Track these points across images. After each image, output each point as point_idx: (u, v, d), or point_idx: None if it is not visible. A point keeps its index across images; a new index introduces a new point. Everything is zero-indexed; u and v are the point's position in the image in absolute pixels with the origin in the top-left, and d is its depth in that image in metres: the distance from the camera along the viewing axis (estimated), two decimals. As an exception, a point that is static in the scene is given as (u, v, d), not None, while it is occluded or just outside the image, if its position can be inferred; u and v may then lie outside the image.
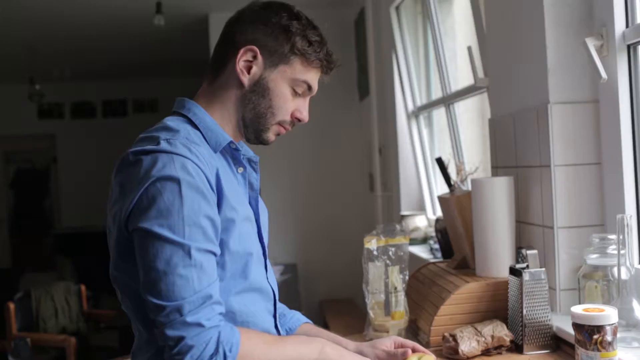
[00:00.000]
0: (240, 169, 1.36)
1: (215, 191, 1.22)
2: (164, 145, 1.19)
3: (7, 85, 7.98)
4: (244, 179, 1.37)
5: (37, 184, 9.22)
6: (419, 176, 3.72)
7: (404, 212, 3.58)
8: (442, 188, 3.58)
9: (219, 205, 1.23)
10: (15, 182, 9.30)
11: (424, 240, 3.24)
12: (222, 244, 1.24)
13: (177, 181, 1.16)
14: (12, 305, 3.65)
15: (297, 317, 1.55)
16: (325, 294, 5.10)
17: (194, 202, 1.17)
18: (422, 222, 3.36)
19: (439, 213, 3.51)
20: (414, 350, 1.44)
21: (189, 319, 1.12)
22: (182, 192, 1.16)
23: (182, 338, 1.11)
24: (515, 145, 1.98)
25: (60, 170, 8.73)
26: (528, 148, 1.88)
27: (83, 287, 4.20)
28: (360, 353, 1.43)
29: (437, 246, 2.86)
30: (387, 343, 1.46)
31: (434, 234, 3.07)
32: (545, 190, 1.79)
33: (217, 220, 1.21)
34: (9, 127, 8.35)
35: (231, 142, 1.33)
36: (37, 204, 9.27)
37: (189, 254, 1.14)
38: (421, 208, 3.72)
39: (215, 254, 1.20)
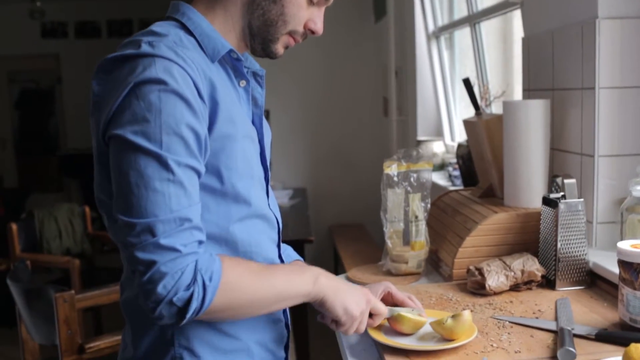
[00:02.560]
0: (243, 83, 1.19)
1: (208, 102, 1.07)
2: (145, 48, 1.04)
3: (7, 3, 7.72)
4: (247, 93, 1.20)
5: (42, 104, 9.06)
6: (438, 100, 3.55)
7: (420, 138, 3.43)
8: (461, 113, 3.42)
9: (213, 118, 1.07)
10: (20, 103, 9.14)
11: (441, 167, 3.11)
12: (219, 164, 1.09)
13: (156, 84, 1.00)
14: (14, 226, 3.57)
15: (287, 254, 1.40)
16: (334, 219, 5.02)
17: (175, 108, 1.01)
18: (440, 148, 3.22)
19: (458, 138, 3.37)
20: (402, 305, 1.31)
21: (163, 241, 0.97)
22: (161, 96, 1.00)
23: (153, 262, 0.97)
24: (553, 66, 1.81)
25: (65, 91, 8.57)
26: (569, 69, 1.71)
27: (87, 209, 4.11)
28: None
29: (456, 173, 2.73)
30: (378, 292, 1.31)
31: (451, 160, 2.93)
32: (586, 115, 1.63)
33: (202, 134, 1.05)
34: (12, 47, 8.15)
35: (231, 50, 1.16)
36: (43, 125, 9.14)
37: (166, 167, 0.99)
38: (439, 133, 3.57)
39: (199, 173, 1.04)
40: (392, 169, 1.78)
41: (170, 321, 1.00)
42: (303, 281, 1.12)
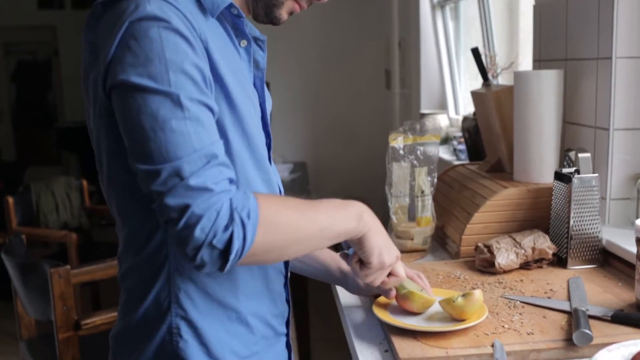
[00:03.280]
0: (244, 42, 1.12)
1: (206, 54, 0.99)
2: None
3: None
4: (248, 54, 1.13)
5: (39, 76, 8.95)
6: (442, 72, 3.47)
7: (424, 111, 3.36)
8: (465, 85, 3.34)
9: (212, 71, 1.00)
10: (17, 75, 9.03)
11: (445, 141, 3.04)
12: (220, 121, 1.01)
13: (154, 20, 0.93)
14: (10, 199, 3.51)
15: None
16: (335, 194, 4.91)
17: (178, 46, 0.94)
18: (444, 121, 3.15)
19: (463, 111, 3.29)
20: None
21: (192, 182, 0.90)
22: (161, 33, 0.93)
23: (187, 207, 0.89)
24: (567, 35, 1.73)
25: (62, 63, 8.46)
26: (583, 38, 1.64)
27: (85, 182, 4.05)
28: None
29: (461, 147, 2.66)
30: None
31: (456, 133, 2.87)
32: (602, 86, 1.56)
33: (207, 74, 0.98)
34: (8, 18, 8.01)
35: (231, 5, 1.07)
36: (40, 97, 9.04)
37: (179, 104, 0.92)
38: (442, 106, 3.50)
39: (212, 110, 0.97)
40: (397, 141, 1.71)
41: (213, 267, 0.93)
42: (347, 217, 1.05)
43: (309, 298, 3.25)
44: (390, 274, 1.18)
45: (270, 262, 1.08)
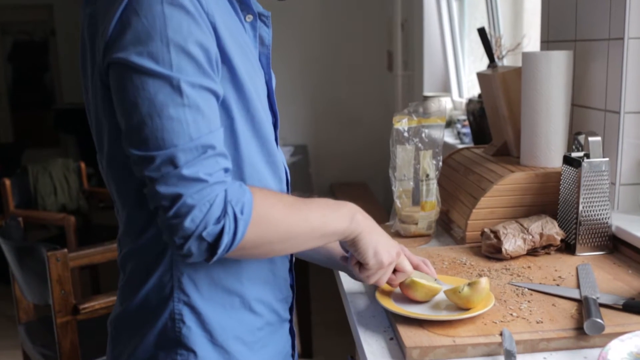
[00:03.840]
0: (249, 17, 1.08)
1: (213, 27, 0.95)
2: None
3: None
4: (254, 30, 1.10)
5: (36, 57, 8.87)
6: (446, 54, 3.42)
7: (427, 93, 3.31)
8: (469, 68, 3.29)
9: (219, 45, 0.96)
10: (13, 55, 8.94)
11: (449, 124, 3.00)
12: (227, 97, 0.98)
13: None
14: (7, 182, 3.47)
15: None
16: (336, 177, 4.92)
17: (181, 23, 0.90)
18: (447, 104, 3.10)
19: (467, 94, 3.25)
20: (416, 269, 1.23)
21: (186, 171, 0.88)
22: (165, 10, 0.89)
23: (179, 196, 0.88)
24: (576, 15, 1.68)
25: (59, 44, 8.37)
26: (594, 18, 1.59)
27: (83, 165, 4.01)
28: None
29: (465, 130, 2.62)
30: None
31: (460, 117, 2.83)
32: (613, 68, 1.52)
33: (213, 52, 0.94)
34: (3, -4, 7.93)
35: None
36: (37, 78, 8.96)
37: (179, 90, 0.89)
38: (446, 89, 3.45)
39: (216, 94, 0.94)
40: (402, 123, 1.67)
41: (200, 258, 0.92)
42: (339, 217, 1.03)
43: (310, 283, 3.22)
44: (395, 270, 1.16)
45: (258, 257, 1.06)
